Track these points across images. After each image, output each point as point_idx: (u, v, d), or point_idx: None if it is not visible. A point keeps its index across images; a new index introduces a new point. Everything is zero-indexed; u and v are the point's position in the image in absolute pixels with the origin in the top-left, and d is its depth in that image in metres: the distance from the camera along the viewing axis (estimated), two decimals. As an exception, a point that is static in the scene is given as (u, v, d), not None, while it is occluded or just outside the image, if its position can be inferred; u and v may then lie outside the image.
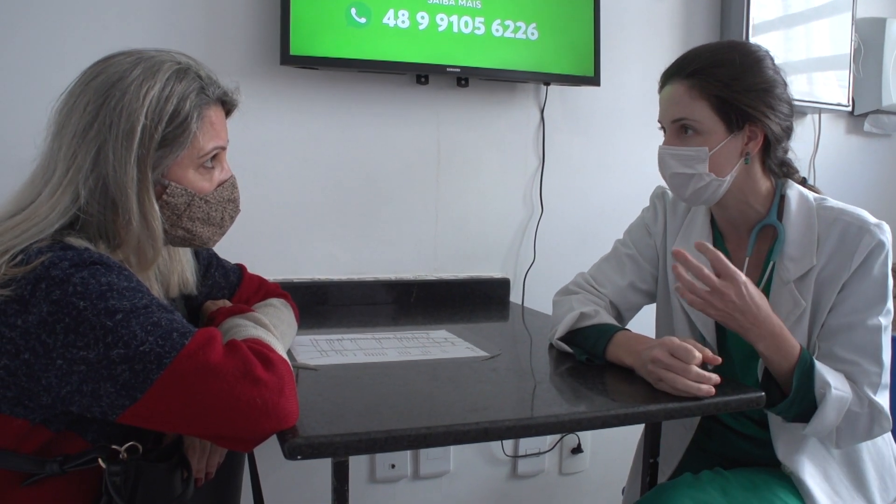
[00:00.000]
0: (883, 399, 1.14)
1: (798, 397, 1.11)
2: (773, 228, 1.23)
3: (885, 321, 1.15)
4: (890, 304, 1.16)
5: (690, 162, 1.19)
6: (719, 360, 1.06)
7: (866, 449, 1.23)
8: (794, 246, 1.20)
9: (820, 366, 1.13)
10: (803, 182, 1.28)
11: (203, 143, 0.96)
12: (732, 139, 1.18)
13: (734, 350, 1.27)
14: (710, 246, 1.10)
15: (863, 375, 1.14)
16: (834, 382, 1.11)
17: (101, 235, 0.92)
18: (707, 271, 1.09)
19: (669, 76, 1.23)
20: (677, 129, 1.21)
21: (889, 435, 1.27)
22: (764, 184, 1.23)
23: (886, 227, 1.17)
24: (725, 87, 1.16)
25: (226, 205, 1.02)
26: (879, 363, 1.14)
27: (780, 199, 1.24)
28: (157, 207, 0.93)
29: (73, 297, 0.80)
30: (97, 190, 0.90)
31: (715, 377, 1.04)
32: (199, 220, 1.00)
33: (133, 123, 0.89)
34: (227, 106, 1.03)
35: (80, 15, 1.61)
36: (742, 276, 1.09)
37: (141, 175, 0.91)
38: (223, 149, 1.01)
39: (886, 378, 1.15)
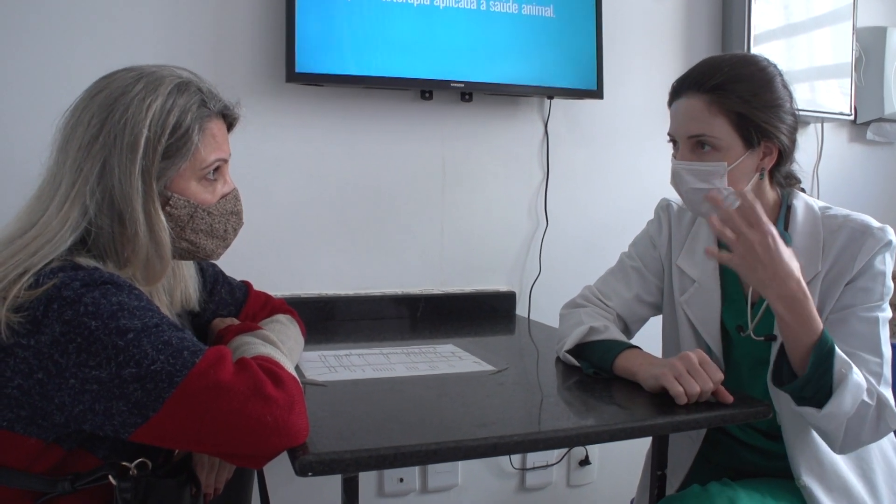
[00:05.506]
0: (886, 392, 1.11)
1: (815, 375, 1.06)
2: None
3: (882, 315, 1.15)
4: (887, 303, 1.16)
5: (708, 177, 1.17)
6: (731, 399, 1.07)
7: (877, 461, 1.23)
8: (799, 255, 1.20)
9: (839, 350, 1.09)
10: (801, 191, 1.29)
11: (205, 154, 0.97)
12: (750, 155, 1.17)
13: (741, 360, 1.27)
14: (747, 194, 1.07)
15: (862, 364, 1.11)
16: (854, 367, 1.08)
17: (109, 252, 0.93)
18: (738, 217, 1.05)
19: (685, 88, 1.20)
20: (693, 145, 1.19)
21: (894, 443, 1.27)
22: (771, 195, 1.24)
23: (890, 229, 1.17)
24: (745, 103, 1.15)
25: (229, 217, 1.03)
26: (879, 354, 1.13)
27: (787, 210, 1.24)
28: (163, 218, 0.94)
29: (85, 316, 0.81)
30: (104, 203, 0.91)
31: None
32: (203, 231, 1.00)
33: (137, 136, 0.90)
34: (229, 119, 1.04)
35: (87, 32, 1.63)
36: (772, 230, 1.05)
37: (146, 187, 0.92)
38: (225, 161, 1.03)
39: (888, 371, 1.13)
